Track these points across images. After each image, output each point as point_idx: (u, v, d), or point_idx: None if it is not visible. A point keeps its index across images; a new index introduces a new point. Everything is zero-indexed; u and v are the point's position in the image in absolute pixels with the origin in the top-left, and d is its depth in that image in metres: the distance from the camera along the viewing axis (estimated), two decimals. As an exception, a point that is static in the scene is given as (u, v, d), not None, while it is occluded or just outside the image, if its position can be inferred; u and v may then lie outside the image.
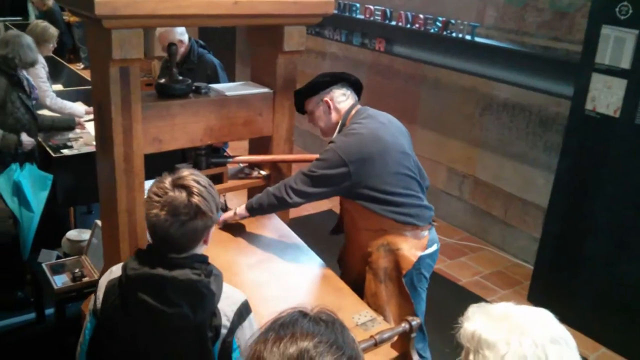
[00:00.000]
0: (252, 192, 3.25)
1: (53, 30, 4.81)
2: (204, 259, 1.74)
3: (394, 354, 2.28)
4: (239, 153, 3.13)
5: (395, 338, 2.27)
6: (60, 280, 3.29)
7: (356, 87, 2.81)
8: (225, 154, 3.11)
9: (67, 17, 9.97)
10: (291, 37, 2.81)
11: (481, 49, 4.82)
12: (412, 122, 5.71)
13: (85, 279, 3.29)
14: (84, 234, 3.68)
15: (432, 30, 5.14)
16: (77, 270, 3.33)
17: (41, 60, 4.48)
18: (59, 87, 5.61)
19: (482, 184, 5.20)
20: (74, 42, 10.48)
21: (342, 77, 2.76)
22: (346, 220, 2.82)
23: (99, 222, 3.24)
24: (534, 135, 4.71)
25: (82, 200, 4.43)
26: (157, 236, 1.69)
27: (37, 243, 3.73)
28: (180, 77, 2.78)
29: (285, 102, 2.97)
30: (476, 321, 1.27)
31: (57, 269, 3.39)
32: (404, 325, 2.22)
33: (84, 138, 4.31)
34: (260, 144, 3.10)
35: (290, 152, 3.09)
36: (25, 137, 3.68)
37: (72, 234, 3.73)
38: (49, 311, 3.65)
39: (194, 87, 2.79)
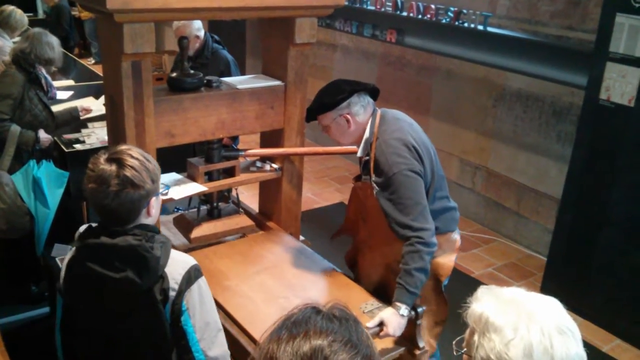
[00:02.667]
0: (264, 185, 3.25)
1: (20, 16, 5.08)
2: (148, 228, 1.81)
3: (400, 339, 2.38)
4: (251, 146, 3.13)
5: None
6: (74, 275, 3.30)
7: (373, 94, 2.61)
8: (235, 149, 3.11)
9: (78, 12, 10.01)
10: (302, 29, 2.80)
11: (494, 38, 4.77)
12: (424, 113, 5.68)
13: (99, 273, 3.30)
14: (97, 228, 3.69)
15: (443, 21, 5.10)
16: (90, 264, 3.34)
17: (9, 43, 4.68)
18: (70, 82, 5.62)
19: (495, 175, 5.17)
20: (83, 37, 10.52)
21: (359, 88, 2.54)
22: (370, 227, 2.69)
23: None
24: (547, 126, 4.67)
25: (95, 194, 4.43)
26: (97, 209, 1.78)
27: (50, 238, 3.74)
28: (192, 71, 2.78)
29: (297, 95, 2.96)
30: (485, 303, 1.27)
31: (71, 263, 3.40)
32: (411, 312, 2.31)
33: (97, 133, 4.32)
34: (271, 137, 3.09)
35: (301, 145, 3.09)
36: (42, 134, 3.70)
37: (85, 229, 3.74)
38: (63, 305, 3.67)
39: (205, 81, 2.78)
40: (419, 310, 2.35)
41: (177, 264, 1.81)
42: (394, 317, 2.29)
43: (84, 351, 1.94)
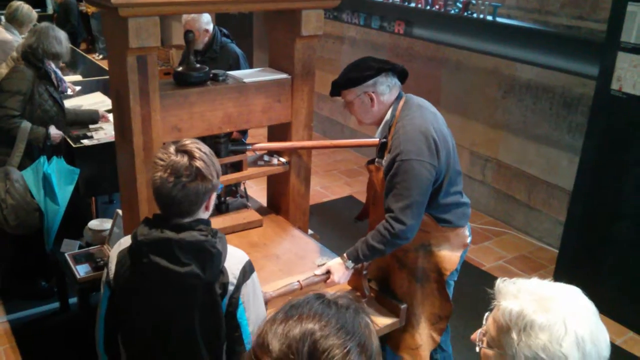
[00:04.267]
0: (271, 179, 3.24)
1: (27, 11, 5.12)
2: (208, 222, 1.85)
3: (348, 288, 2.60)
4: (258, 140, 3.11)
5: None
6: (82, 270, 3.31)
7: (401, 76, 2.59)
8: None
9: (85, 8, 10.03)
10: (309, 21, 2.77)
11: (503, 29, 4.73)
12: (433, 105, 5.64)
13: (108, 269, 3.30)
14: (106, 224, 3.70)
15: (452, 11, 5.06)
16: (99, 260, 3.35)
17: (18, 38, 4.94)
18: (77, 77, 5.63)
19: (505, 167, 5.13)
20: (90, 33, 10.54)
21: (387, 67, 2.51)
22: (379, 212, 2.63)
23: (120, 212, 3.25)
24: (558, 117, 4.62)
25: (104, 190, 4.45)
26: (161, 199, 1.80)
27: (59, 233, 3.76)
28: (198, 65, 2.76)
29: (304, 88, 2.93)
30: (522, 301, 1.27)
31: (79, 259, 3.41)
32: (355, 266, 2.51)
33: (104, 128, 4.32)
34: (279, 131, 3.07)
35: (309, 139, 3.06)
36: (53, 130, 3.69)
37: (94, 224, 3.75)
38: (73, 300, 3.69)
39: (211, 75, 2.77)
40: (365, 262, 2.51)
41: (235, 259, 1.86)
42: (340, 267, 2.48)
43: (130, 346, 1.95)
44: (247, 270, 1.86)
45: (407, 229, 2.36)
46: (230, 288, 1.82)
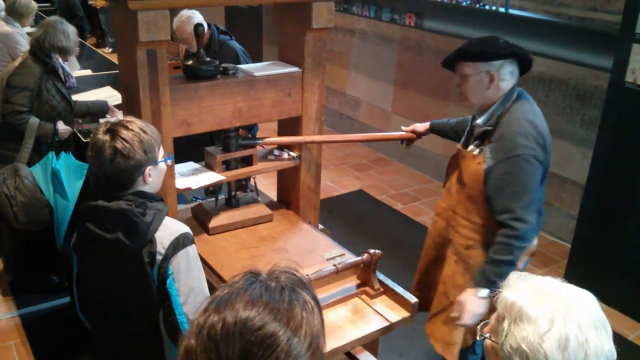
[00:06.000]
0: (282, 174, 3.22)
1: (25, 2, 5.10)
2: (144, 195, 1.95)
3: (357, 281, 2.59)
4: (268, 134, 3.10)
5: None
6: (93, 265, 3.30)
7: (523, 67, 2.46)
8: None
9: (94, 2, 10.03)
10: (319, 13, 2.74)
11: (515, 21, 4.68)
12: (444, 98, 5.61)
13: (118, 263, 3.30)
14: (116, 218, 3.69)
15: (463, 3, 5.01)
16: (109, 255, 3.34)
17: (20, 30, 5.00)
18: (87, 72, 5.63)
19: (517, 161, 5.09)
20: (99, 26, 10.55)
21: (521, 53, 2.39)
22: (457, 199, 2.58)
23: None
24: (571, 110, 4.58)
25: (114, 184, 4.45)
26: (95, 175, 1.96)
27: (70, 228, 3.75)
28: (208, 59, 2.74)
29: (314, 81, 2.91)
30: (519, 291, 1.24)
31: (90, 254, 3.41)
32: (365, 256, 2.49)
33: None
34: (289, 125, 3.05)
35: (319, 133, 3.04)
36: (61, 126, 3.68)
37: (104, 218, 3.75)
38: (84, 295, 3.69)
39: (221, 69, 2.75)
40: (374, 255, 2.48)
41: (168, 230, 1.93)
42: (473, 299, 2.32)
43: (89, 304, 2.14)
44: (180, 243, 1.92)
45: (531, 228, 2.31)
46: (159, 257, 1.90)
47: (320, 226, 3.22)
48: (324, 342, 1.02)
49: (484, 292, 2.31)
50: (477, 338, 1.36)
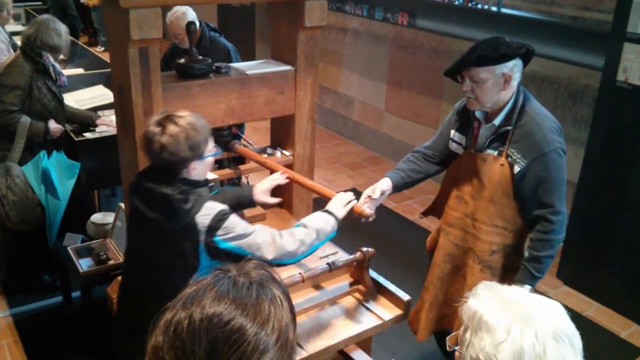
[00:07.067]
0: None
1: None
2: (189, 182, 2.08)
3: (351, 280, 2.62)
4: (261, 133, 3.09)
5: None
6: (85, 264, 3.30)
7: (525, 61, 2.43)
8: (241, 138, 3.07)
9: (86, 0, 9.99)
10: (312, 12, 2.74)
11: (507, 20, 4.69)
12: (437, 97, 5.61)
13: (110, 262, 3.30)
14: (108, 217, 3.69)
15: (456, 2, 5.02)
16: (102, 254, 3.33)
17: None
18: (79, 70, 5.60)
19: (509, 160, 5.10)
20: (91, 25, 10.51)
21: (530, 50, 2.38)
22: (477, 205, 2.54)
23: (122, 205, 3.23)
24: (563, 109, 4.59)
25: (106, 183, 4.43)
26: (147, 160, 2.10)
27: (62, 227, 3.74)
28: (200, 57, 2.73)
29: (307, 80, 2.91)
30: (482, 300, 1.20)
31: (82, 253, 3.40)
32: (358, 254, 2.53)
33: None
34: (282, 124, 3.05)
35: (313, 131, 3.04)
36: (52, 124, 3.66)
37: (96, 218, 3.74)
38: (75, 294, 3.68)
39: (214, 67, 2.74)
40: (367, 253, 2.53)
41: (207, 210, 2.06)
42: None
43: (125, 265, 2.37)
44: (218, 219, 2.05)
45: (565, 219, 2.38)
46: (202, 237, 2.05)
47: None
48: (294, 335, 1.01)
49: (527, 289, 2.33)
50: (447, 349, 1.32)
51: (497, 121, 2.44)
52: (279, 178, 2.53)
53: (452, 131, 2.66)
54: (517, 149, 2.37)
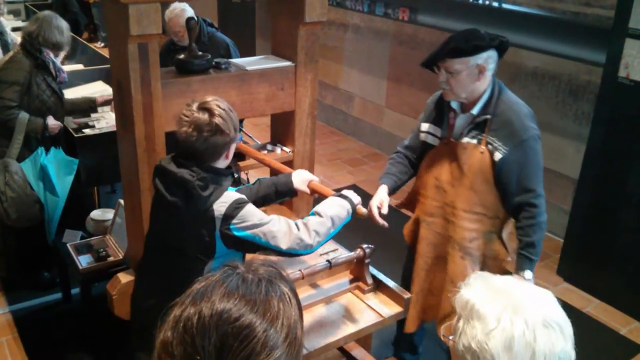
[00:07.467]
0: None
1: None
2: (211, 170, 2.12)
3: (350, 277, 2.61)
4: (261, 129, 3.08)
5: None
6: (85, 261, 3.29)
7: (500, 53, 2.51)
8: (242, 131, 3.05)
9: (87, -4, 9.97)
10: (312, 7, 2.72)
11: (509, 15, 4.68)
12: (436, 92, 5.59)
13: (110, 259, 3.29)
14: (108, 214, 3.68)
15: (457, -2, 5.00)
16: (101, 250, 3.33)
17: None
18: (79, 66, 5.59)
19: (510, 156, 5.09)
20: (92, 21, 10.48)
21: (503, 42, 2.45)
22: (457, 193, 2.59)
23: (122, 202, 3.22)
24: (564, 105, 4.58)
25: (105, 180, 4.42)
26: (185, 149, 2.11)
27: (61, 223, 3.73)
28: (200, 53, 2.72)
29: (307, 76, 2.89)
30: (474, 289, 1.24)
31: (81, 249, 3.39)
32: (358, 251, 2.52)
33: (106, 118, 4.28)
34: (282, 120, 3.04)
35: (313, 127, 3.02)
36: (51, 121, 3.64)
37: (96, 214, 3.73)
38: (75, 291, 3.67)
39: (214, 63, 2.73)
40: (367, 250, 2.52)
41: (225, 198, 2.09)
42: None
43: (146, 245, 2.37)
44: (233, 208, 2.08)
45: (544, 201, 2.50)
46: (217, 223, 2.07)
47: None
48: (302, 332, 1.02)
49: (529, 273, 2.49)
50: (442, 338, 1.35)
51: (475, 110, 2.50)
52: (314, 177, 2.56)
53: (425, 125, 2.72)
54: (497, 137, 2.44)
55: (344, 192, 2.37)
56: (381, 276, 2.61)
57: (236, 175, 2.25)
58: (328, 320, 2.38)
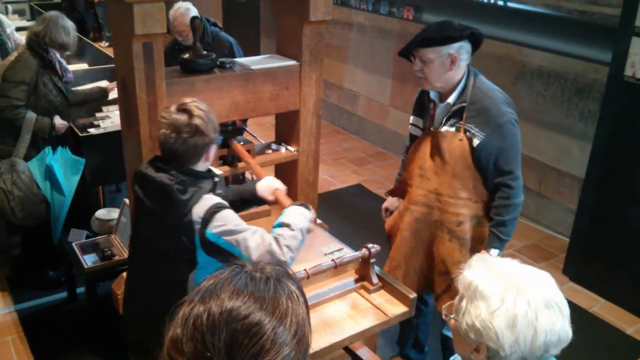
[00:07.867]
0: (279, 168, 3.20)
1: None
2: (191, 173, 2.09)
3: (356, 276, 2.61)
4: (265, 128, 3.08)
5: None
6: (90, 260, 3.30)
7: (475, 45, 2.59)
8: (245, 131, 3.05)
9: (92, -5, 9.98)
10: (317, 6, 2.72)
11: (514, 14, 4.65)
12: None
13: (115, 258, 3.29)
14: (113, 213, 3.68)
15: (462, -3, 4.98)
16: (106, 249, 3.33)
17: None
18: (84, 65, 5.60)
19: (515, 155, 5.07)
20: (97, 21, 10.51)
21: (475, 33, 2.53)
22: (441, 181, 2.65)
23: (127, 201, 3.23)
24: (570, 104, 4.56)
25: (111, 179, 4.43)
26: (165, 152, 2.09)
27: (66, 223, 3.74)
28: (205, 52, 2.72)
29: (312, 75, 2.89)
30: (476, 271, 1.30)
31: (87, 249, 3.40)
32: (363, 251, 2.52)
33: (111, 117, 4.29)
34: (287, 119, 3.03)
35: (317, 126, 3.03)
36: (58, 120, 3.66)
37: (101, 213, 3.73)
38: (80, 290, 3.68)
39: (218, 62, 2.73)
40: (372, 250, 2.51)
41: (204, 202, 2.07)
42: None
43: (131, 253, 2.37)
44: (211, 212, 2.05)
45: (522, 183, 2.56)
46: (197, 227, 2.05)
47: (319, 221, 3.21)
48: (310, 330, 1.02)
49: (495, 252, 2.56)
50: (443, 317, 1.41)
51: (451, 99, 2.58)
52: (280, 185, 2.50)
53: (411, 118, 2.84)
54: (474, 124, 2.51)
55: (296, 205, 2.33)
56: (387, 276, 2.60)
57: (217, 179, 2.20)
58: (333, 320, 2.37)
